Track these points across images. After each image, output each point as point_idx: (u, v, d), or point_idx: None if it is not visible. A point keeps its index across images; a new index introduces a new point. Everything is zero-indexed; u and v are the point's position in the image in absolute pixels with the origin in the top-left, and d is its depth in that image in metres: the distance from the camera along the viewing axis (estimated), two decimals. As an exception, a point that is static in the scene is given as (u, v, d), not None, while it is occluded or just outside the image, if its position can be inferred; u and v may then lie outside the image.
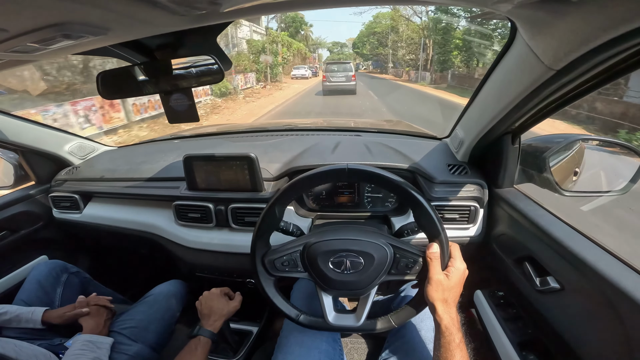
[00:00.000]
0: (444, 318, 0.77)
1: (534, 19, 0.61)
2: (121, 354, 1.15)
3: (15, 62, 0.68)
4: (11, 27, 0.46)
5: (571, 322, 0.92)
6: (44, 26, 0.46)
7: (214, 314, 1.15)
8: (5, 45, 0.52)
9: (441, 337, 0.77)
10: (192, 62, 0.86)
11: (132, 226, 1.59)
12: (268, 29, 29.94)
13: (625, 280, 0.73)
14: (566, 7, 0.53)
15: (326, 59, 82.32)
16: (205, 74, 0.85)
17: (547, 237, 0.96)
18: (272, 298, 0.96)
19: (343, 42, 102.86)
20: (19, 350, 0.97)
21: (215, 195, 1.37)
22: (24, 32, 0.48)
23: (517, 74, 0.81)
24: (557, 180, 1.18)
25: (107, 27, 0.50)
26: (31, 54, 0.59)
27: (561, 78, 0.70)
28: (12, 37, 0.49)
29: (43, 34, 0.48)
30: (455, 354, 0.74)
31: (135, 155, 1.82)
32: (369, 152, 1.46)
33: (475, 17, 21.49)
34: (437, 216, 0.85)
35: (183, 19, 0.53)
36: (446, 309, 0.79)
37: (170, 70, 0.85)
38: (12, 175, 1.72)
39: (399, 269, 0.88)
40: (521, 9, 0.58)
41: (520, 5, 0.55)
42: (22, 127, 1.58)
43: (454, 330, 0.76)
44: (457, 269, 0.84)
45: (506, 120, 0.99)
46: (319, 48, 77.63)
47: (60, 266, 1.47)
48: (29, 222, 1.72)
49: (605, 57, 0.58)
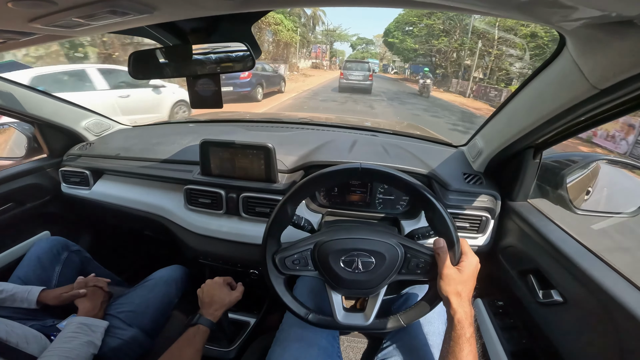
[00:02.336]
0: (458, 311, 0.77)
1: (590, 37, 0.61)
2: (115, 338, 1.14)
3: (51, 37, 0.67)
4: (60, 0, 0.45)
5: (568, 336, 0.94)
6: (93, 1, 0.46)
7: (215, 303, 1.14)
8: (50, 19, 0.52)
9: (452, 330, 0.77)
10: (224, 48, 0.86)
11: (141, 207, 1.59)
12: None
13: (630, 297, 0.75)
14: (627, 29, 0.52)
15: (348, 56, 75.19)
16: (236, 61, 0.85)
17: (556, 252, 0.97)
18: (282, 296, 0.95)
19: (369, 39, 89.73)
20: (9, 331, 0.97)
21: (228, 182, 1.36)
22: (72, 6, 0.47)
23: (556, 88, 0.81)
24: (572, 198, 1.18)
25: (154, 5, 0.50)
26: (72, 29, 0.59)
27: (602, 98, 0.69)
28: (60, 10, 0.48)
29: (91, 9, 0.48)
30: (464, 347, 0.74)
31: (151, 136, 1.82)
32: (387, 153, 1.46)
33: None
34: (450, 217, 0.84)
35: (228, 3, 0.53)
36: (460, 302, 0.78)
37: (201, 54, 0.85)
38: (24, 146, 1.73)
39: (410, 269, 0.88)
40: (581, 28, 0.58)
41: (585, 25, 0.55)
42: (41, 100, 1.59)
43: (466, 324, 0.76)
44: (470, 263, 0.83)
45: (533, 134, 0.98)
46: (336, 40, 66.78)
47: (62, 243, 1.46)
48: (36, 195, 1.73)
49: None
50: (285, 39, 28.06)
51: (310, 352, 0.99)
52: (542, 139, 1.02)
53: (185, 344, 0.99)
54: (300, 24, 37.55)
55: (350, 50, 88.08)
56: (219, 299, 1.15)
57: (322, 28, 51.97)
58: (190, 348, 0.98)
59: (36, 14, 0.50)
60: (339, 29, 65.00)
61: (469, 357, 0.73)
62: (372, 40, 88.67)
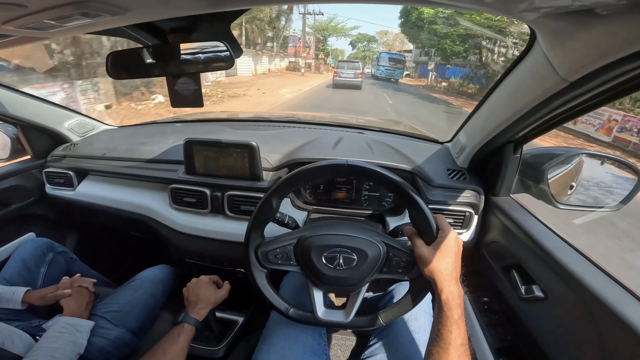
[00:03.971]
0: (444, 291, 0.74)
1: (556, 29, 0.61)
2: (101, 337, 1.14)
3: (28, 38, 0.67)
4: (30, 3, 0.45)
5: (550, 332, 0.94)
6: (62, 3, 0.46)
7: (201, 302, 1.15)
8: (22, 22, 0.52)
9: (440, 312, 0.74)
10: (202, 47, 0.85)
11: (126, 207, 1.58)
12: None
13: (608, 292, 0.75)
14: (591, 19, 0.53)
15: (348, 56, 70.02)
16: (216, 60, 0.85)
17: (537, 247, 0.97)
18: (262, 290, 0.95)
19: (371, 35, 78.21)
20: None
21: (212, 181, 1.36)
22: (42, 9, 0.47)
23: (529, 82, 0.82)
24: (553, 192, 1.20)
25: (126, 7, 0.50)
26: (46, 31, 0.59)
27: (573, 90, 0.70)
28: (30, 13, 0.48)
29: (61, 12, 0.48)
30: (452, 329, 0.71)
31: (136, 136, 1.81)
32: (371, 150, 1.46)
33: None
34: (432, 216, 0.83)
35: (202, 3, 0.53)
36: (444, 282, 0.75)
37: (181, 53, 0.85)
38: (8, 148, 1.70)
39: (391, 268, 0.89)
40: (545, 19, 0.58)
41: (546, 15, 0.56)
42: (24, 102, 1.57)
43: (453, 305, 0.73)
44: (448, 239, 0.80)
45: (511, 129, 0.99)
46: (331, 34, 53.20)
47: (47, 244, 1.45)
48: (20, 196, 1.71)
49: (620, 72, 0.59)
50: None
51: (296, 349, 0.99)
52: (521, 133, 1.04)
53: (170, 343, 0.99)
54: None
55: (349, 49, 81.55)
56: (205, 298, 1.16)
57: (303, 12, 34.04)
58: (174, 347, 0.98)
59: (7, 16, 0.50)
60: (335, 21, 51.33)
61: (458, 340, 0.71)
62: (374, 37, 79.56)
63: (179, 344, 0.99)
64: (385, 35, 76.13)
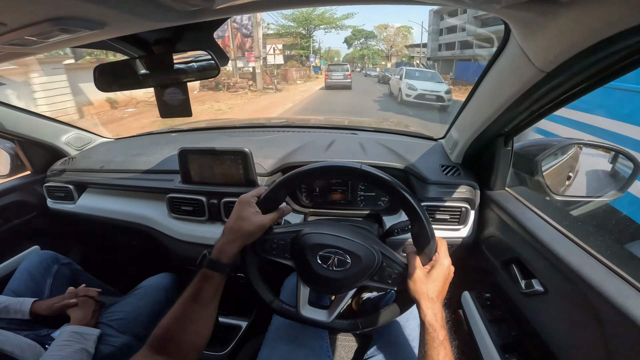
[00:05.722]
0: (427, 314, 0.76)
1: (526, 20, 0.61)
2: (108, 345, 1.15)
3: (13, 54, 0.68)
4: (9, 21, 0.46)
5: (553, 326, 0.93)
6: (41, 20, 0.47)
7: (232, 230, 0.82)
8: (4, 39, 0.53)
9: (425, 333, 0.75)
10: (188, 57, 0.87)
11: (126, 218, 1.59)
12: None
13: (608, 285, 0.73)
14: (556, 8, 0.53)
15: (344, 56, 66.36)
16: (201, 69, 0.86)
17: (534, 239, 0.96)
18: (251, 278, 0.95)
19: (369, 31, 66.50)
20: (4, 340, 0.99)
21: (208, 189, 1.37)
22: (22, 26, 0.48)
23: (509, 75, 0.82)
24: (549, 183, 1.20)
25: (103, 21, 0.51)
26: (29, 47, 0.60)
27: (552, 80, 0.70)
28: (11, 30, 0.49)
29: (41, 28, 0.49)
30: (439, 351, 0.72)
31: (132, 147, 1.82)
32: (363, 150, 1.47)
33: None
34: (431, 227, 0.83)
35: (178, 15, 0.54)
36: (429, 304, 0.77)
37: (167, 64, 0.86)
38: (8, 164, 1.72)
39: (382, 277, 0.88)
40: (511, 10, 0.58)
41: (508, 5, 0.55)
42: (20, 117, 1.59)
43: (437, 326, 0.75)
44: (441, 265, 0.82)
45: (499, 122, 1.00)
46: (317, 27, 39.00)
47: (52, 257, 1.47)
48: (22, 211, 1.73)
49: (594, 59, 0.59)
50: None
51: (298, 352, 0.99)
52: (510, 125, 1.03)
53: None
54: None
55: (345, 48, 71.84)
56: (235, 224, 0.82)
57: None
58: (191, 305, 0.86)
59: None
60: (320, 9, 35.22)
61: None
62: (372, 33, 67.52)
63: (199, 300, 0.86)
64: (385, 29, 66.63)
